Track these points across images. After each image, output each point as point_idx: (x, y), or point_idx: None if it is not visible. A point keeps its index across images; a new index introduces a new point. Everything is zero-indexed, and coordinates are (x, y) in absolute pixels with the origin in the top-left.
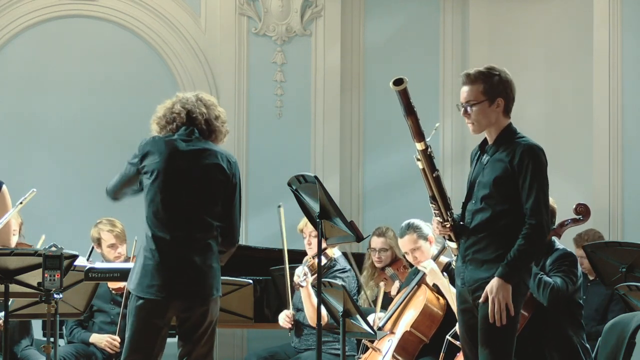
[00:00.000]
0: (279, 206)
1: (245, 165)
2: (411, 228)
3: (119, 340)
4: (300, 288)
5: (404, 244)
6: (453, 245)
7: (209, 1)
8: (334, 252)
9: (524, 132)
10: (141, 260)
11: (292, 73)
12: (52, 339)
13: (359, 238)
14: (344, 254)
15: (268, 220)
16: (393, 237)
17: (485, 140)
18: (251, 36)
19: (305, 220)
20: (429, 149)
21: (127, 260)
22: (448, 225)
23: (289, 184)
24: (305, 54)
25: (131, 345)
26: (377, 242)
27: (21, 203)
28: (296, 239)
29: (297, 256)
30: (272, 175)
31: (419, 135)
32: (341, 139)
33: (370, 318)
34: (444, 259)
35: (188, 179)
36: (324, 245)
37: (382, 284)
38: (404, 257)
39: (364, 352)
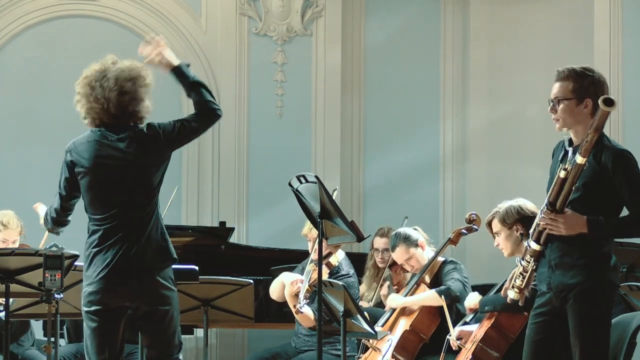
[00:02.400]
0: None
1: (245, 165)
2: (399, 239)
3: None
4: (299, 314)
5: (397, 256)
6: (537, 247)
7: (209, 1)
8: (338, 255)
9: (527, 132)
10: None
11: (292, 73)
12: (52, 339)
13: (360, 238)
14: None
15: (269, 220)
16: None
17: (570, 140)
18: (252, 36)
19: (308, 225)
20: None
21: None
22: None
23: (290, 184)
24: (306, 54)
25: None
26: (380, 242)
27: None
28: (298, 238)
29: (297, 256)
30: (273, 175)
31: (589, 153)
32: (342, 139)
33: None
34: (440, 259)
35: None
36: (327, 250)
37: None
38: None
39: (364, 352)
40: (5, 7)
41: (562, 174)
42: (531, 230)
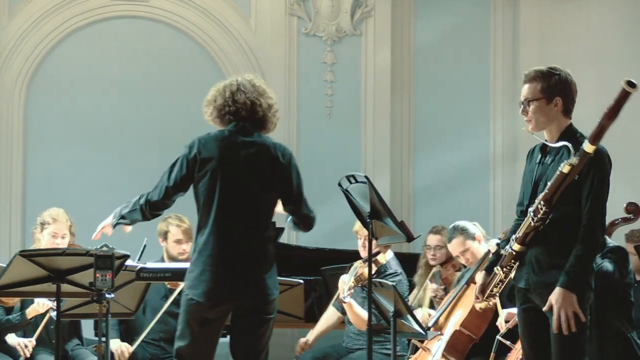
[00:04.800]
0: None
1: None
2: (457, 231)
3: (129, 351)
4: (344, 303)
5: (453, 247)
6: (520, 248)
7: (259, 2)
8: (386, 256)
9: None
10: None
11: (342, 73)
12: (103, 339)
13: (410, 238)
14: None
15: (318, 220)
16: None
17: (544, 145)
18: (301, 36)
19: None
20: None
21: (188, 260)
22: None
23: (340, 184)
24: (356, 53)
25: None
26: (432, 239)
27: None
28: (348, 238)
29: (347, 256)
30: (323, 176)
31: (598, 139)
32: (391, 139)
33: (417, 313)
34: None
35: (246, 177)
36: (376, 249)
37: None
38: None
39: (414, 352)
40: (56, 9)
41: (566, 168)
42: (515, 235)
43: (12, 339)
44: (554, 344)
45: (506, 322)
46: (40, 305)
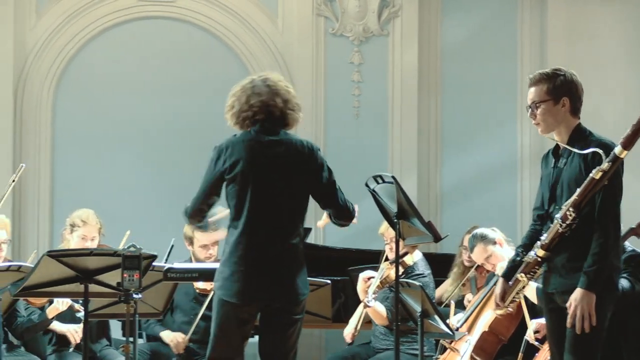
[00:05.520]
0: None
1: None
2: (477, 239)
3: (185, 340)
4: (367, 308)
5: (476, 256)
6: (545, 253)
7: (286, 2)
8: (414, 257)
9: (603, 131)
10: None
11: (369, 73)
12: (131, 339)
13: (437, 238)
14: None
15: None
16: None
17: (557, 146)
18: (328, 36)
19: (386, 224)
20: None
21: (217, 261)
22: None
23: (367, 185)
24: (383, 54)
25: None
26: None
27: (14, 181)
28: (375, 238)
29: (374, 256)
30: (350, 176)
31: (632, 144)
32: (419, 139)
33: (457, 318)
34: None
35: (274, 177)
36: (404, 250)
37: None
38: None
39: (442, 353)
40: (84, 10)
41: (598, 175)
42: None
43: (59, 326)
44: (567, 340)
45: (535, 332)
46: (60, 303)
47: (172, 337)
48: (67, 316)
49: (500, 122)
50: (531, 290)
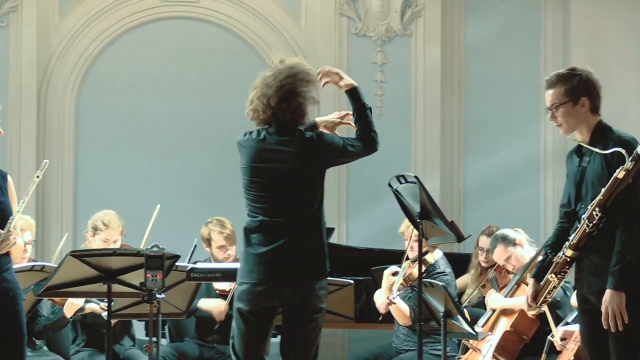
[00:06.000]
0: None
1: (345, 165)
2: (497, 240)
3: (226, 307)
4: (391, 305)
5: (497, 257)
6: (574, 253)
7: (309, 2)
8: (435, 255)
9: (627, 131)
10: None
11: (392, 73)
12: (154, 339)
13: (460, 238)
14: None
15: (368, 220)
16: None
17: (579, 146)
18: (351, 36)
19: (406, 222)
20: None
21: (235, 261)
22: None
23: (390, 184)
24: (406, 53)
25: None
26: (485, 241)
27: (38, 177)
28: (398, 238)
29: (397, 256)
30: (372, 175)
31: None
32: (442, 139)
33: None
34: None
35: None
36: (425, 249)
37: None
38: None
39: (465, 353)
40: (107, 10)
41: (621, 174)
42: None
43: (91, 304)
44: (610, 343)
45: (562, 339)
46: (75, 299)
47: (213, 305)
48: (89, 317)
49: (523, 121)
50: None
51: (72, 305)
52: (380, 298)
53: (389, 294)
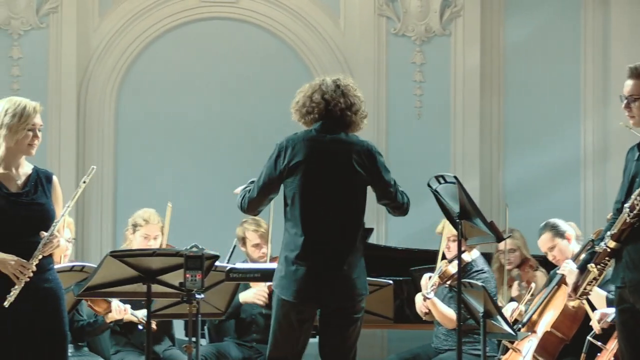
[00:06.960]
0: None
1: None
2: (547, 227)
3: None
4: (427, 300)
5: (541, 243)
6: (615, 245)
7: (348, 2)
8: (472, 254)
9: None
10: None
11: (431, 73)
12: (193, 339)
13: (500, 238)
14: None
15: (408, 220)
16: (520, 238)
17: None
18: (390, 36)
19: (443, 222)
20: None
21: (271, 260)
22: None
23: (429, 185)
24: (445, 54)
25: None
26: (503, 243)
27: (84, 182)
28: (437, 238)
29: (434, 256)
30: (412, 176)
31: None
32: (481, 139)
33: (509, 307)
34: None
35: (332, 176)
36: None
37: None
38: (532, 257)
39: (504, 353)
40: (146, 11)
41: None
42: (610, 232)
43: (130, 315)
44: None
45: (599, 321)
46: (117, 312)
47: (253, 293)
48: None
49: (563, 122)
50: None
51: (112, 318)
52: (419, 300)
53: (424, 291)
